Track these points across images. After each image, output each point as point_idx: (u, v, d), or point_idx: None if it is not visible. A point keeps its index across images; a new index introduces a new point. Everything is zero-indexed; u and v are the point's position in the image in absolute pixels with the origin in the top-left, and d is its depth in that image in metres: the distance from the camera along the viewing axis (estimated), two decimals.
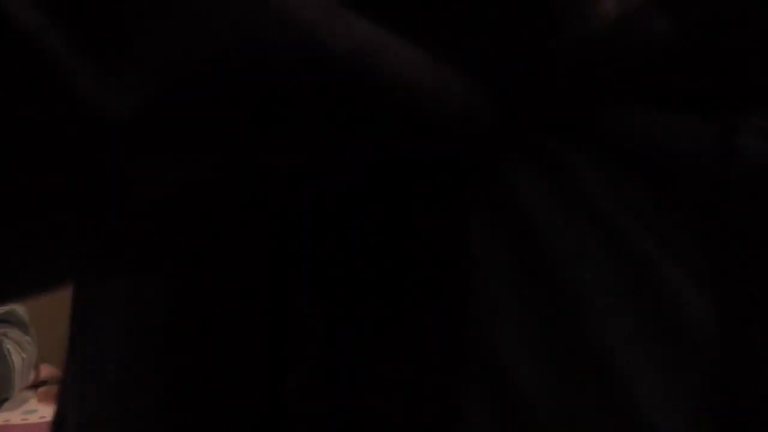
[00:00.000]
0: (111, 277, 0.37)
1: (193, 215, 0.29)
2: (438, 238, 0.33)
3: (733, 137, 0.33)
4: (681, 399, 0.33)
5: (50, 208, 0.27)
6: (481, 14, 0.29)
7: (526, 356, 0.32)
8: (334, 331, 0.34)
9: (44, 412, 1.67)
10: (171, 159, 0.27)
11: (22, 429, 1.61)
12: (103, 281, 0.39)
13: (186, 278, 0.36)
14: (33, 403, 1.71)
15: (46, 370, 1.77)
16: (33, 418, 1.65)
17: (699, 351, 0.33)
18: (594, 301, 0.33)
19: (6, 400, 1.69)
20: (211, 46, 0.26)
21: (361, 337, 0.34)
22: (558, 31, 0.29)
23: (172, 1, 0.26)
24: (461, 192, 0.33)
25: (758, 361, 0.33)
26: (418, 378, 0.33)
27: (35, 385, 1.75)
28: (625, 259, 0.33)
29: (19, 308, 1.70)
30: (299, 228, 0.34)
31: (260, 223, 0.33)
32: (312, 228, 0.34)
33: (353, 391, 0.34)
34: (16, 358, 1.68)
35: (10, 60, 0.25)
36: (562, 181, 0.33)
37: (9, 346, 1.67)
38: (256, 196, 0.30)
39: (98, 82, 0.25)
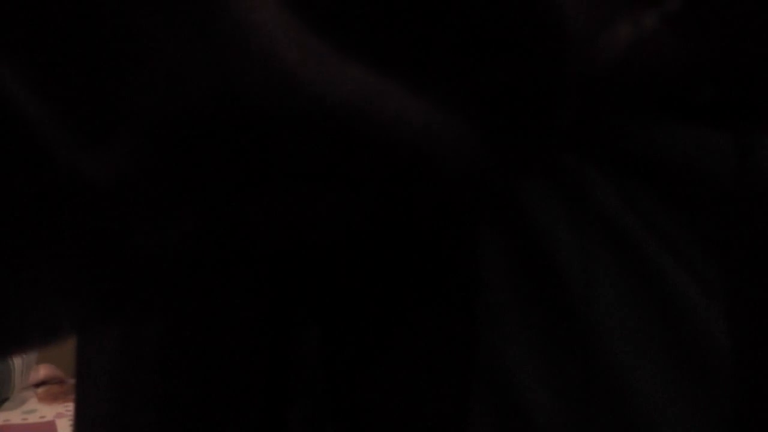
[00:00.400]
0: (109, 323, 0.37)
1: (191, 262, 0.28)
2: (444, 261, 0.33)
3: (749, 150, 0.32)
4: (692, 415, 0.32)
5: (44, 261, 0.26)
6: (485, 53, 0.27)
7: (535, 378, 0.32)
8: (335, 360, 0.33)
9: (44, 411, 1.67)
10: (159, 218, 0.26)
11: (22, 429, 1.61)
12: (102, 327, 0.39)
13: (182, 310, 0.36)
14: (33, 403, 1.71)
15: (46, 370, 1.77)
16: (33, 418, 1.65)
17: (713, 371, 0.32)
18: (606, 319, 0.32)
19: (6, 400, 1.69)
20: (194, 104, 0.25)
21: (363, 369, 0.33)
22: (568, 64, 0.27)
23: (151, 59, 0.24)
24: (469, 212, 0.32)
25: None
26: (424, 411, 0.33)
27: (35, 385, 1.75)
28: (639, 276, 0.32)
29: None
30: (299, 260, 0.33)
31: (259, 260, 0.32)
32: (313, 258, 0.33)
33: (355, 424, 0.33)
34: (16, 358, 1.68)
35: None
36: (574, 196, 0.32)
37: None
38: (252, 241, 0.29)
39: (79, 149, 0.24)
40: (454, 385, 0.32)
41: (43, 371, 1.76)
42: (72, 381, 1.64)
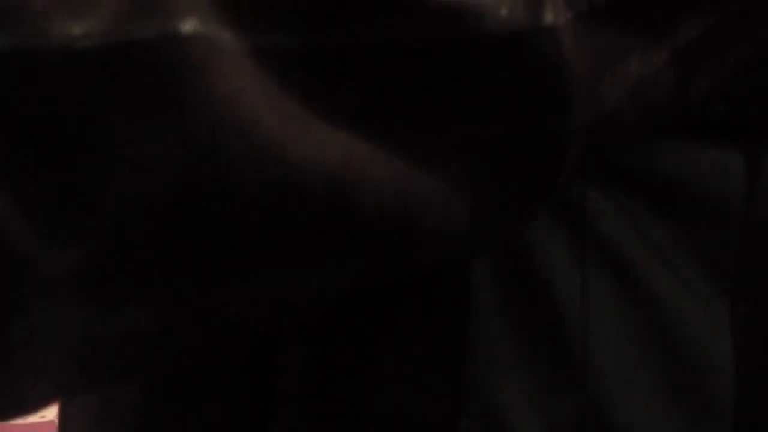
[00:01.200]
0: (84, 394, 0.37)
1: (166, 345, 0.27)
2: (436, 279, 0.32)
3: (759, 169, 0.32)
4: None
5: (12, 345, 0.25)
6: (482, 110, 0.25)
7: (525, 408, 0.32)
8: (324, 370, 0.33)
9: (44, 411, 1.67)
10: (128, 307, 0.25)
11: (22, 429, 1.62)
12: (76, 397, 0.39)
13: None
14: None
15: None
16: (33, 418, 1.65)
17: (714, 405, 0.32)
18: (600, 351, 0.31)
19: None
20: (167, 187, 0.23)
21: (352, 379, 0.33)
22: (573, 110, 0.26)
23: (117, 145, 0.22)
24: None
25: None
26: (412, 422, 0.32)
27: None
28: (639, 302, 0.32)
29: None
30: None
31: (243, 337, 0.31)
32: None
33: None
34: None
35: None
36: (573, 218, 0.31)
37: None
38: (234, 322, 0.28)
39: (41, 243, 0.23)
40: (443, 399, 0.32)
41: None
42: None
